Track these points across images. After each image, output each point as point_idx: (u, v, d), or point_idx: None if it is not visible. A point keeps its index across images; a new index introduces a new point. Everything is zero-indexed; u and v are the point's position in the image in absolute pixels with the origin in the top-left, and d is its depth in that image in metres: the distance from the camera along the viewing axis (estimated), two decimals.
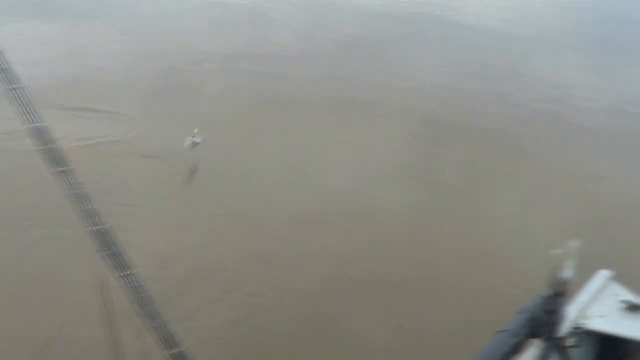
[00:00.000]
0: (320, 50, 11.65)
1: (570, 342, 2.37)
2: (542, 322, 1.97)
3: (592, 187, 7.21)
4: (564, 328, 2.40)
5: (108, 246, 1.35)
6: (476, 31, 13.59)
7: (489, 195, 6.77)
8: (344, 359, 4.16)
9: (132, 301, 1.36)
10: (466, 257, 5.44)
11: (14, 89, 1.51)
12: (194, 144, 6.99)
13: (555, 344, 2.26)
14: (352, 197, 6.50)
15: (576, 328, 2.45)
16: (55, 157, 1.53)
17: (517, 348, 1.89)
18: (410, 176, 7.13)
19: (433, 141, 8.18)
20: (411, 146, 7.94)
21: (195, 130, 7.00)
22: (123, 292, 1.38)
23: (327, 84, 9.88)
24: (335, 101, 9.27)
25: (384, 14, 14.42)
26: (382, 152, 7.73)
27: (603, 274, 2.81)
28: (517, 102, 9.83)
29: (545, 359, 2.19)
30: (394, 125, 8.54)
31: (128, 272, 1.33)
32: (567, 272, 1.98)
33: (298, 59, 11.13)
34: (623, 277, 2.92)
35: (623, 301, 2.67)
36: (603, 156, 8.20)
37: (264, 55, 11.01)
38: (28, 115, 1.54)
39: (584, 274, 2.66)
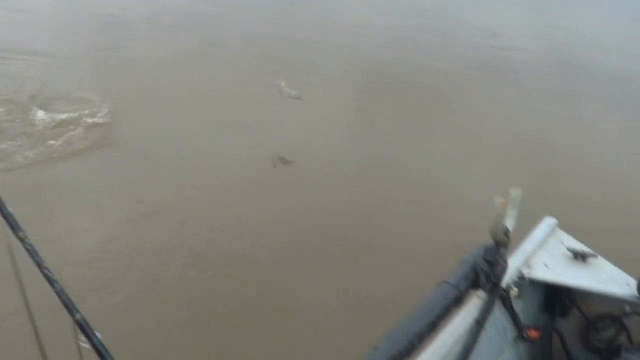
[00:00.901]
0: None
1: (514, 292, 2.34)
2: (484, 272, 1.92)
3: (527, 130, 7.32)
4: (508, 278, 2.37)
5: None
6: None
7: (423, 149, 6.76)
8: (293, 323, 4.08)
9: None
10: (400, 215, 5.39)
11: None
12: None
13: (498, 294, 2.22)
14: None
15: (520, 278, 2.42)
16: None
17: (458, 300, 1.84)
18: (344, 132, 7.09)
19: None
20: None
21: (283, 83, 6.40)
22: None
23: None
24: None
25: None
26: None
27: (548, 222, 2.78)
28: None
29: (488, 310, 2.15)
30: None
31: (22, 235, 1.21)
32: (509, 221, 1.92)
33: None
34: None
35: (568, 249, 2.65)
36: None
37: None
38: None
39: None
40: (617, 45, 11.35)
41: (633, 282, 2.46)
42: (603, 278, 2.55)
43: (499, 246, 1.94)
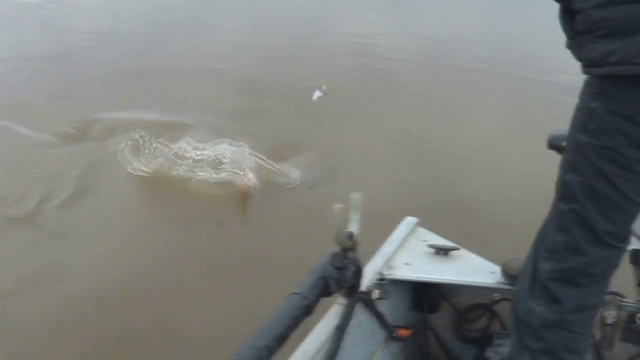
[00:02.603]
0: None
1: (375, 294, 2.36)
2: (334, 279, 1.92)
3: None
4: (368, 281, 2.40)
5: None
6: None
7: None
8: None
9: None
10: None
11: None
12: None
13: (359, 298, 2.24)
14: None
15: (381, 279, 2.45)
16: None
17: (308, 310, 1.81)
18: None
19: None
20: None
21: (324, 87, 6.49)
22: None
23: None
24: None
25: None
26: None
27: (409, 221, 2.84)
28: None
29: (348, 315, 2.15)
30: None
31: None
32: (353, 226, 1.93)
33: None
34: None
35: (430, 246, 2.71)
36: None
37: None
38: None
39: None
40: (483, 40, 11.98)
41: (497, 270, 2.55)
42: (468, 269, 2.62)
43: (346, 251, 1.94)
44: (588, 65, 1.68)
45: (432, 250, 2.70)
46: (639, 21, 1.50)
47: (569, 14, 1.71)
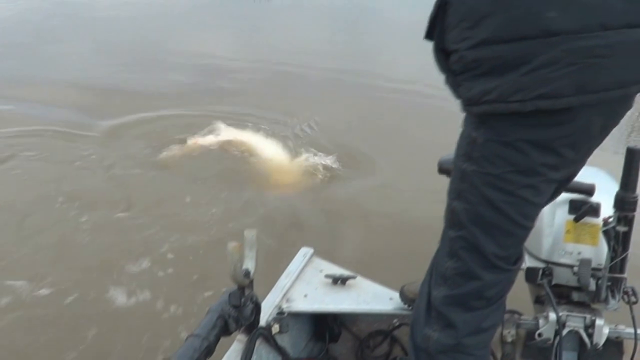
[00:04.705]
0: None
1: (275, 328, 2.36)
2: (232, 317, 1.91)
3: None
4: (268, 316, 2.40)
5: None
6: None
7: None
8: None
9: None
10: None
11: None
12: None
13: (258, 334, 2.23)
14: None
15: (280, 313, 2.45)
16: None
17: (209, 351, 1.79)
18: None
19: None
20: None
21: None
22: None
23: None
24: None
25: None
26: None
27: (304, 252, 2.87)
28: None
29: (250, 352, 2.14)
30: None
31: None
32: (248, 262, 1.93)
33: None
34: None
35: (327, 276, 2.74)
36: None
37: None
38: None
39: None
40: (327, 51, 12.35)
41: (395, 295, 2.62)
42: (366, 297, 2.66)
43: (244, 289, 1.94)
44: (466, 104, 1.71)
45: (329, 280, 2.73)
46: (512, 60, 1.54)
47: (442, 53, 1.74)
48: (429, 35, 1.75)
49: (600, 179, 2.55)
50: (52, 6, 15.10)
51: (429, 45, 1.78)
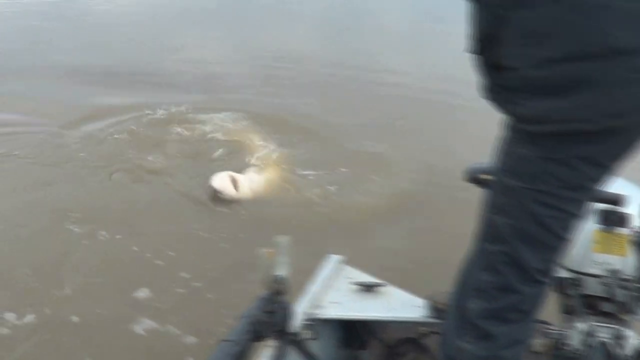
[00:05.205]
0: None
1: (306, 334, 2.38)
2: (264, 323, 1.93)
3: None
4: (298, 322, 2.42)
5: None
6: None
7: None
8: None
9: None
10: None
11: None
12: None
13: (289, 340, 2.24)
14: None
15: (310, 320, 2.47)
16: None
17: (241, 356, 1.81)
18: None
19: None
20: None
21: None
22: None
23: None
24: None
25: None
26: None
27: (333, 259, 2.89)
28: None
29: (281, 358, 2.16)
30: None
31: None
32: (281, 269, 1.96)
33: None
34: None
35: (356, 283, 2.76)
36: None
37: None
38: None
39: None
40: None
41: (423, 303, 2.63)
42: (394, 305, 2.69)
43: (276, 294, 1.96)
44: (523, 122, 1.66)
45: (357, 287, 2.75)
46: (579, 79, 1.50)
47: (492, 68, 1.65)
48: (477, 49, 1.70)
49: (628, 189, 2.53)
50: None
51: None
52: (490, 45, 1.63)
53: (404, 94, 9.64)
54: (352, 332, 2.83)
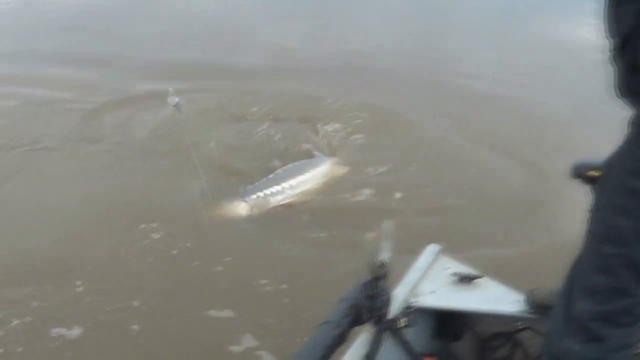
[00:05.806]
0: None
1: (402, 322, 2.36)
2: (365, 308, 1.93)
3: None
4: (395, 309, 2.40)
5: None
6: None
7: None
8: None
9: None
10: None
11: None
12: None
13: (387, 326, 2.24)
14: None
15: (407, 307, 2.46)
16: None
17: (341, 338, 1.83)
18: None
19: None
20: None
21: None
22: None
23: None
24: None
25: None
26: None
27: (431, 249, 2.85)
28: None
29: (377, 343, 2.16)
30: None
31: None
32: (384, 254, 1.94)
33: None
34: None
35: (453, 274, 2.72)
36: None
37: None
38: None
39: None
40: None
41: (520, 298, 2.55)
42: (491, 297, 2.62)
43: (378, 279, 1.95)
44: None
45: (455, 277, 2.70)
46: None
47: (636, 70, 1.61)
48: (619, 50, 1.64)
49: None
50: None
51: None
52: (629, 45, 1.57)
53: None
54: (447, 322, 2.78)
